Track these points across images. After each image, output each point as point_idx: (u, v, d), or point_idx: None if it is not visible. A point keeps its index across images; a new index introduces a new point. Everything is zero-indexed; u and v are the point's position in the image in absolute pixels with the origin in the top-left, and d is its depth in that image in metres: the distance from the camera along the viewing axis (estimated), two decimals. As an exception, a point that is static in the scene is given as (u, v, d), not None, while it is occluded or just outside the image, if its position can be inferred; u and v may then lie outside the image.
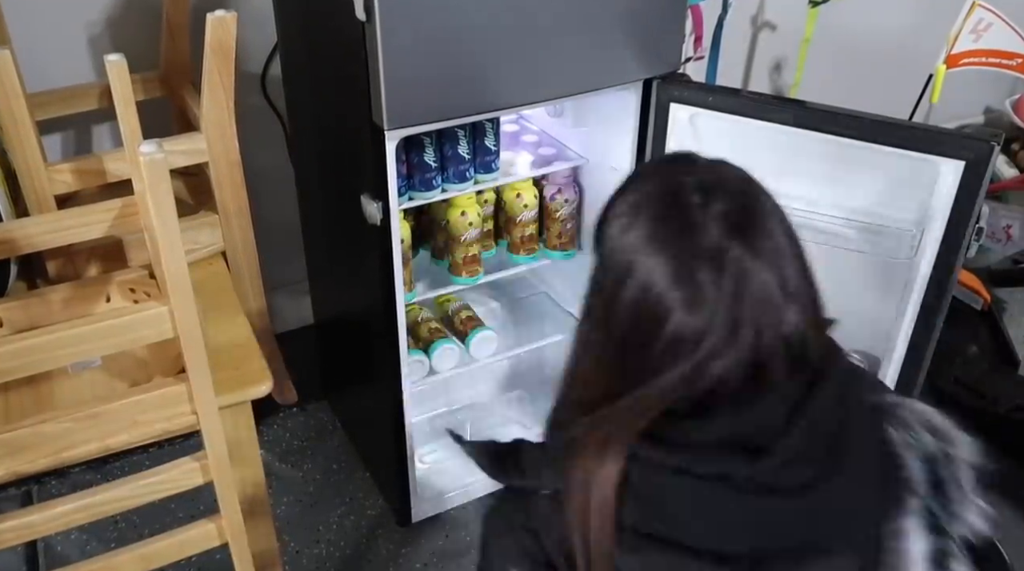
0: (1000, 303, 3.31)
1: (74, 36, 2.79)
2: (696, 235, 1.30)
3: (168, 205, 1.69)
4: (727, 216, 1.31)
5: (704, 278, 1.28)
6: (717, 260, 1.28)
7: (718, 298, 1.28)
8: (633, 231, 1.35)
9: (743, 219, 1.33)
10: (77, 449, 1.97)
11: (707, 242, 1.29)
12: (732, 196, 1.35)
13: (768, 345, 1.31)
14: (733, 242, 1.29)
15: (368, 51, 2.03)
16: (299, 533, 2.88)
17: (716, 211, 1.31)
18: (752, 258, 1.30)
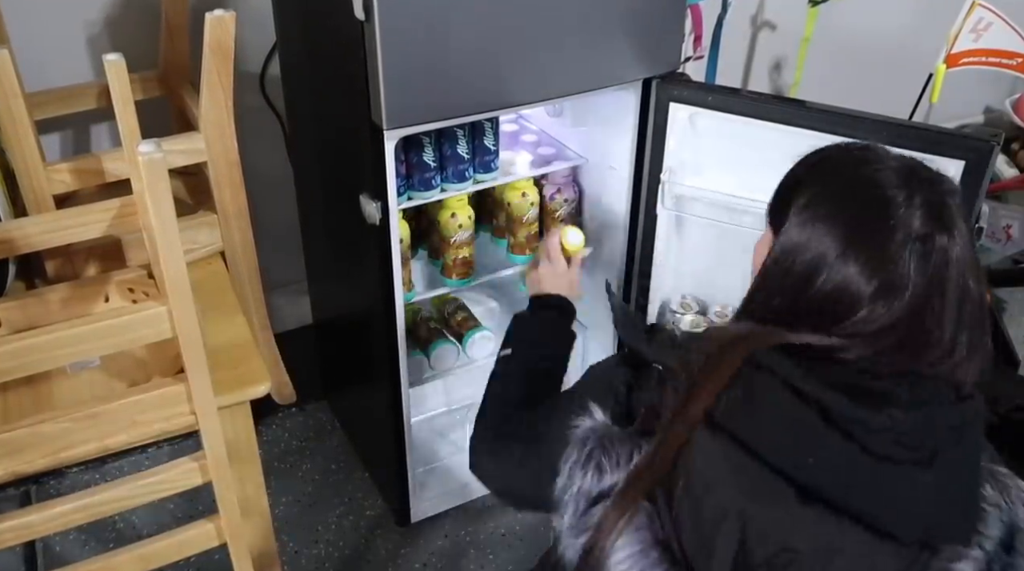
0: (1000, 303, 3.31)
1: (73, 35, 2.78)
2: (898, 226, 1.30)
3: (167, 205, 1.69)
4: (929, 206, 1.31)
5: (907, 261, 1.29)
6: (925, 242, 1.29)
7: (919, 279, 1.29)
8: (825, 223, 1.35)
9: (944, 211, 1.32)
10: (76, 449, 1.97)
11: (911, 228, 1.30)
12: (932, 188, 1.34)
13: (940, 342, 1.32)
14: (937, 230, 1.30)
15: (367, 51, 2.03)
16: (298, 533, 2.88)
17: (918, 202, 1.31)
18: (954, 249, 1.31)
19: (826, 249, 1.33)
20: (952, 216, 1.32)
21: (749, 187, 2.42)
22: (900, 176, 1.35)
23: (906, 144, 2.17)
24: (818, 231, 1.35)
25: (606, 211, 2.75)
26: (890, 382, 1.31)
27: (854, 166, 1.42)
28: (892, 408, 1.28)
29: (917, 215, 1.30)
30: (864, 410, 1.27)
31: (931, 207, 1.31)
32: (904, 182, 1.34)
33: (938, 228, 1.30)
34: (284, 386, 3.17)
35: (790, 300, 1.37)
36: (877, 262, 1.30)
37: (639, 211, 2.62)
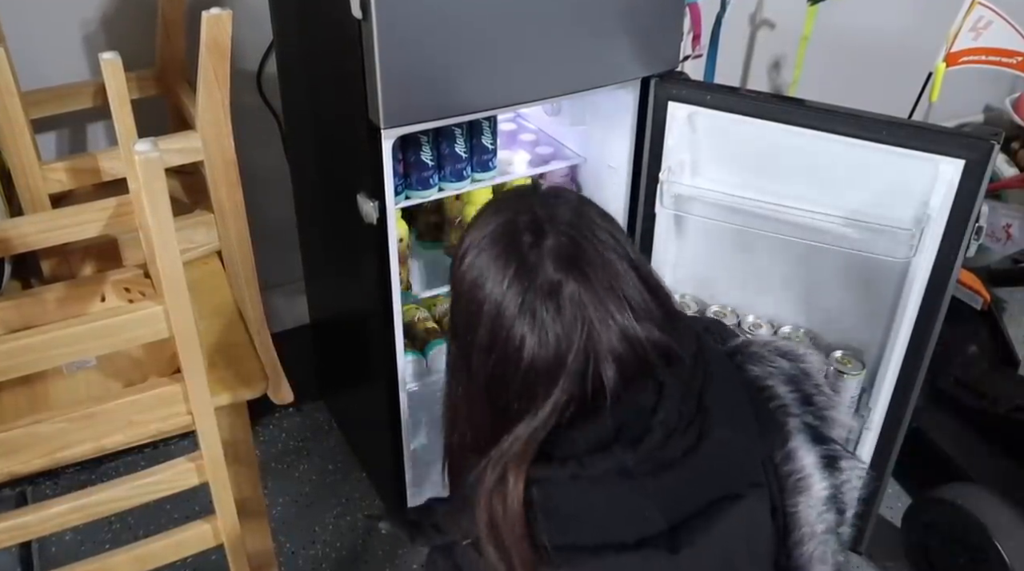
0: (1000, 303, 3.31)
1: (69, 34, 2.77)
2: (534, 274, 1.36)
3: (163, 204, 1.69)
4: (558, 251, 1.37)
5: (545, 312, 1.34)
6: (554, 295, 1.35)
7: (562, 330, 1.34)
8: (475, 271, 1.42)
9: (573, 252, 1.38)
10: (72, 449, 1.97)
11: (544, 279, 1.35)
12: (561, 231, 1.40)
13: (625, 358, 1.37)
14: (568, 277, 1.36)
15: (364, 49, 2.03)
16: (295, 534, 2.87)
17: (547, 247, 1.38)
18: (587, 289, 1.36)
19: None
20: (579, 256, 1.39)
21: (748, 186, 2.42)
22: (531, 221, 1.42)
23: (906, 143, 2.17)
24: (474, 274, 1.42)
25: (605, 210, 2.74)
26: (621, 405, 1.37)
27: (496, 216, 1.47)
28: (655, 417, 1.36)
29: (548, 262, 1.37)
30: (647, 440, 1.35)
31: (559, 251, 1.38)
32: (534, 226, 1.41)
33: (570, 270, 1.36)
34: (281, 386, 3.15)
35: (492, 405, 1.43)
36: (521, 302, 1.36)
37: (638, 210, 2.62)
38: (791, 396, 1.53)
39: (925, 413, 2.83)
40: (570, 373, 1.35)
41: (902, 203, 2.28)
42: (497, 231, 1.43)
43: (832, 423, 1.55)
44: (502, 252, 1.40)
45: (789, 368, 1.56)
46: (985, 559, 2.51)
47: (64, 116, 2.72)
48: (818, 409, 1.54)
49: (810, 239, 2.38)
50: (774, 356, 1.57)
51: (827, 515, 1.49)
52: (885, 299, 2.42)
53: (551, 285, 1.35)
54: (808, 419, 1.52)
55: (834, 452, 1.52)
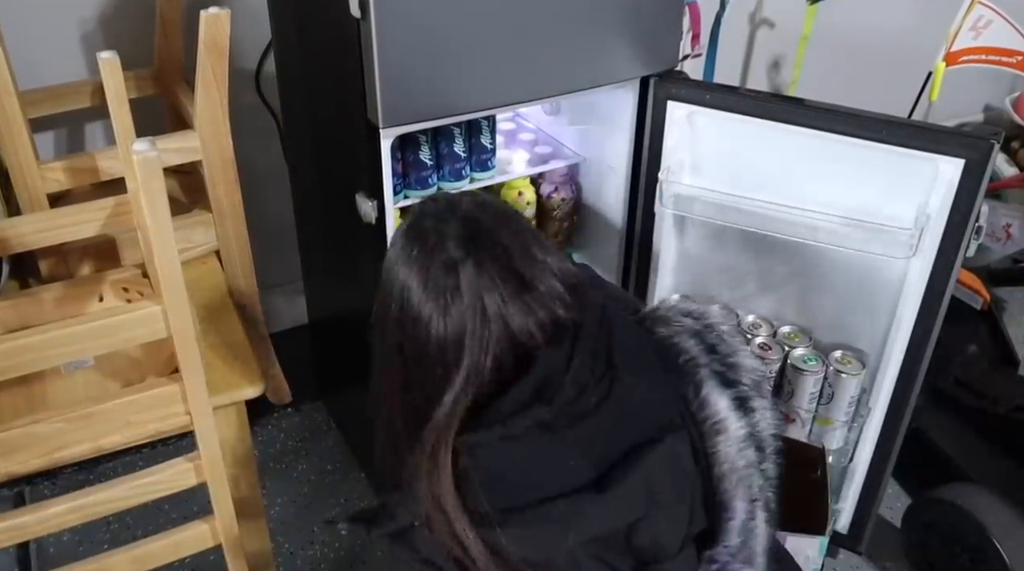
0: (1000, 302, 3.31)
1: (67, 33, 2.77)
2: (435, 253, 1.47)
3: (161, 203, 1.69)
4: (459, 235, 1.47)
5: (447, 291, 1.45)
6: (454, 270, 1.45)
7: (463, 304, 1.44)
8: (387, 263, 1.56)
9: (473, 233, 1.48)
10: (70, 450, 1.97)
11: (444, 257, 1.46)
12: (460, 216, 1.50)
13: (523, 329, 1.46)
14: (468, 256, 1.45)
15: (363, 48, 2.02)
16: (293, 534, 2.87)
17: (451, 231, 1.48)
18: (486, 269, 1.46)
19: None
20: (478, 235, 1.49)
21: (747, 186, 2.42)
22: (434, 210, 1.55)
23: (905, 143, 2.17)
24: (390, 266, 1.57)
25: (604, 210, 2.74)
26: (535, 370, 1.46)
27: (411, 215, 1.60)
28: (567, 374, 1.45)
29: (450, 243, 1.48)
30: (560, 395, 1.43)
31: (460, 234, 1.49)
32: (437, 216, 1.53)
33: (470, 250, 1.47)
34: (279, 386, 3.16)
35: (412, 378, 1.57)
36: (424, 280, 1.48)
37: (637, 210, 2.61)
38: (697, 348, 1.63)
39: (925, 413, 2.83)
40: (476, 343, 1.44)
41: (902, 203, 2.27)
42: (407, 226, 1.56)
43: (738, 368, 1.64)
44: (409, 240, 1.51)
45: (693, 324, 1.67)
46: (985, 559, 2.50)
47: (62, 115, 2.72)
48: (723, 357, 1.64)
49: (810, 239, 2.37)
50: (679, 316, 1.68)
51: (747, 452, 1.58)
52: (885, 299, 2.42)
53: (451, 263, 1.45)
54: (715, 367, 1.62)
55: (744, 394, 1.62)
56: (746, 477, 1.57)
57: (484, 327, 1.44)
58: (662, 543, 1.49)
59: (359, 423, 3.03)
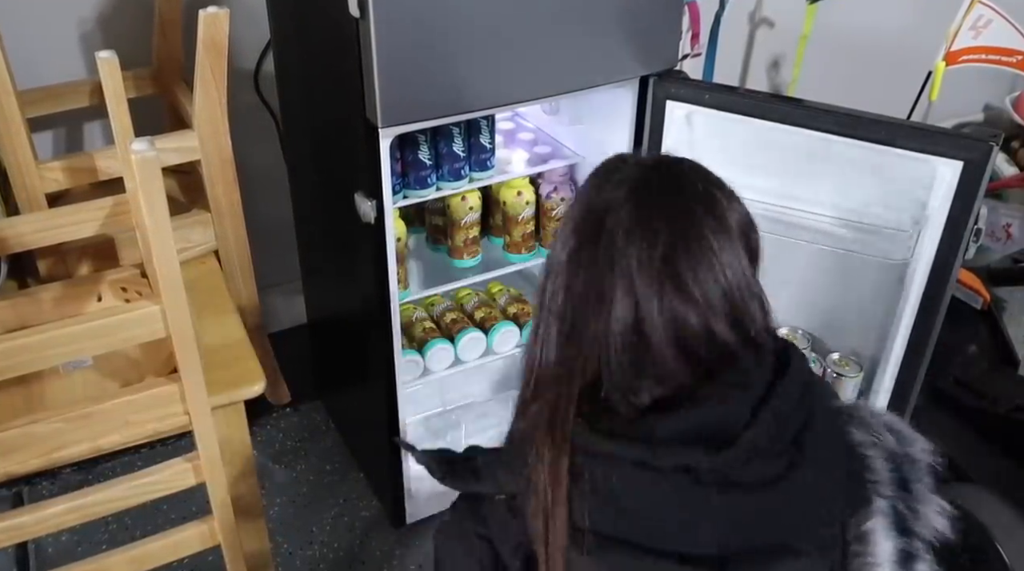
0: (1000, 302, 3.30)
1: (65, 33, 2.77)
2: (613, 176, 1.35)
3: (160, 203, 1.68)
4: (633, 177, 1.35)
5: (586, 241, 1.32)
6: (600, 218, 1.31)
7: (596, 265, 1.30)
8: (564, 247, 1.36)
9: (652, 180, 1.36)
10: (68, 450, 1.97)
11: (603, 197, 1.33)
12: (649, 162, 1.40)
13: (678, 315, 1.29)
14: (628, 202, 1.31)
15: (362, 48, 2.02)
16: (292, 534, 2.86)
17: (628, 173, 1.36)
18: (645, 216, 1.31)
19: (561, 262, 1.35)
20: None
21: (746, 186, 2.39)
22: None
23: (904, 144, 2.17)
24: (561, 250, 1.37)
25: (603, 210, 2.74)
26: (708, 403, 1.30)
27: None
28: (746, 431, 1.27)
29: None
30: (729, 451, 1.26)
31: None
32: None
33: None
34: (278, 386, 3.16)
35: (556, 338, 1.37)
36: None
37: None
38: (888, 474, 1.43)
39: (925, 413, 2.82)
40: (614, 325, 1.29)
41: (900, 204, 2.27)
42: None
43: (922, 520, 1.45)
44: (589, 178, 1.40)
45: (894, 445, 1.46)
46: (985, 560, 2.50)
47: (61, 115, 2.72)
48: (912, 498, 1.44)
49: (808, 240, 2.37)
50: (881, 428, 1.47)
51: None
52: (884, 300, 2.41)
53: (605, 205, 1.32)
54: (899, 505, 1.43)
55: (914, 551, 1.44)
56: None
57: (618, 306, 1.29)
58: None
59: (358, 423, 3.03)
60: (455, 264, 2.73)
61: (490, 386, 3.18)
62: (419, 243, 2.85)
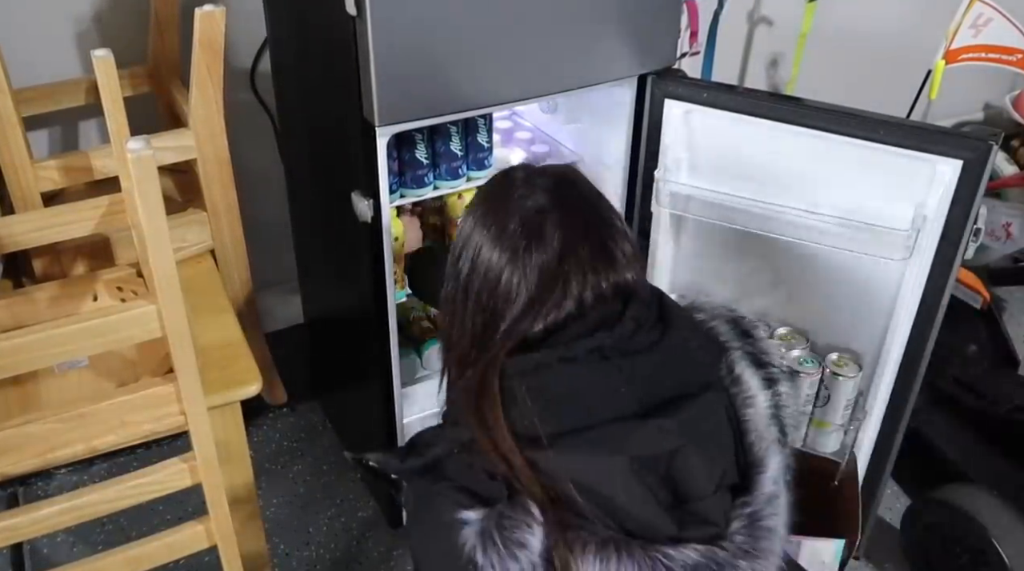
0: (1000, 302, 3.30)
1: (60, 30, 2.76)
2: (523, 199, 1.58)
3: (156, 202, 1.68)
4: (549, 188, 1.59)
5: (531, 232, 1.54)
6: (541, 216, 1.55)
7: (545, 250, 1.54)
8: (470, 218, 1.63)
9: (563, 190, 1.60)
10: (64, 450, 1.96)
11: (533, 203, 1.56)
12: (552, 173, 1.64)
13: (596, 285, 1.54)
14: (556, 207, 1.56)
15: (359, 46, 2.01)
16: (289, 535, 2.86)
17: (541, 183, 1.60)
18: (572, 221, 1.56)
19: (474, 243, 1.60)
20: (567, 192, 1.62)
21: (745, 185, 2.41)
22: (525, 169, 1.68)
23: (903, 143, 2.16)
24: (470, 217, 1.64)
25: (601, 209, 2.73)
26: (596, 309, 1.55)
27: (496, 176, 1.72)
28: (625, 314, 1.55)
29: (539, 194, 1.58)
30: (619, 327, 1.53)
31: (548, 188, 1.59)
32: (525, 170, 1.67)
33: (556, 202, 1.58)
34: (275, 386, 3.16)
35: (473, 316, 1.61)
36: (500, 231, 1.56)
37: (634, 209, 2.60)
38: (731, 333, 1.75)
39: (924, 414, 2.82)
40: (549, 287, 1.53)
41: (899, 203, 2.26)
42: (493, 181, 1.69)
43: (769, 355, 1.75)
44: (495, 191, 1.64)
45: (728, 313, 1.79)
46: (985, 561, 2.49)
47: (56, 114, 2.72)
48: (755, 341, 1.76)
49: (807, 239, 2.36)
50: (717, 307, 1.80)
51: (772, 429, 1.66)
52: (882, 300, 2.41)
53: (539, 209, 1.55)
54: (748, 348, 1.73)
55: (773, 376, 1.72)
56: (774, 444, 1.64)
57: (559, 278, 1.52)
58: (697, 479, 1.51)
59: (355, 423, 3.02)
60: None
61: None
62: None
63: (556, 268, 1.53)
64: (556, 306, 1.53)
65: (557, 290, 1.53)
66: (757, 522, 1.55)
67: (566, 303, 1.53)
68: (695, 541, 1.49)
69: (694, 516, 1.50)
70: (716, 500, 1.54)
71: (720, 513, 1.54)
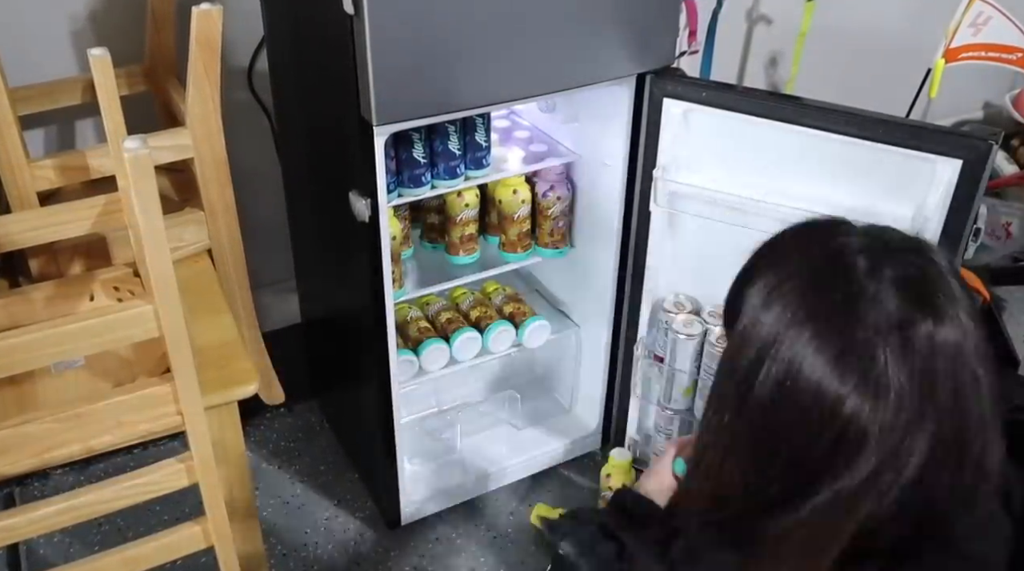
0: (1000, 301, 3.29)
1: (57, 29, 2.75)
2: (867, 306, 1.14)
3: (153, 202, 1.67)
4: (904, 282, 1.16)
5: (885, 357, 1.11)
6: (902, 335, 1.12)
7: (906, 383, 1.11)
8: (780, 302, 1.19)
9: (924, 286, 1.17)
10: (60, 450, 1.95)
11: (883, 314, 1.13)
12: (905, 258, 1.20)
13: (968, 442, 1.16)
14: (917, 313, 1.13)
15: (356, 45, 2.01)
16: (286, 536, 2.85)
17: (889, 277, 1.16)
18: (949, 333, 1.13)
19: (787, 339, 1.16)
20: (934, 291, 1.16)
21: (744, 185, 2.40)
22: (865, 245, 1.23)
23: (902, 143, 2.15)
24: (776, 308, 1.19)
25: (599, 208, 2.72)
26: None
27: (813, 240, 1.29)
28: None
29: (890, 294, 1.15)
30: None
31: (905, 283, 1.16)
32: (870, 251, 1.21)
33: (918, 309, 1.14)
34: (272, 386, 3.15)
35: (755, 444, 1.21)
36: (845, 342, 1.13)
37: (632, 208, 2.60)
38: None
39: (923, 413, 2.81)
40: (901, 441, 1.12)
41: (898, 203, 2.25)
42: (814, 254, 1.26)
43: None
44: (824, 279, 1.20)
45: None
46: (984, 561, 2.48)
47: (52, 113, 2.71)
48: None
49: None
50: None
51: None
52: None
53: (897, 322, 1.13)
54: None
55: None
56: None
57: (920, 428, 1.12)
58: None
59: (353, 423, 3.02)
60: (452, 261, 2.73)
61: (485, 386, 3.18)
62: (414, 241, 2.83)
63: (907, 423, 1.11)
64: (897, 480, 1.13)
65: (902, 453, 1.12)
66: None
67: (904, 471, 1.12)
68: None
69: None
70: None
71: None
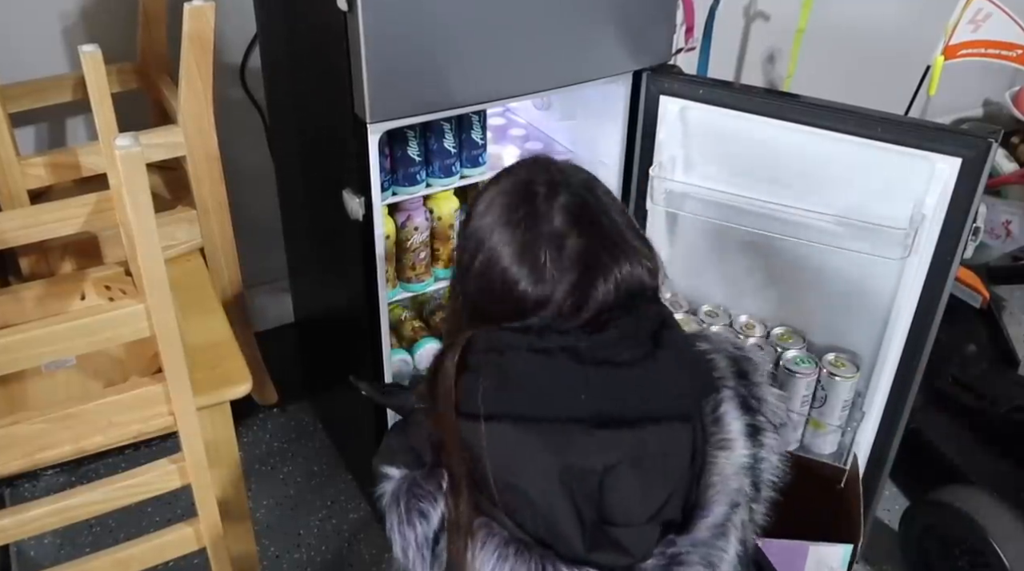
0: (999, 301, 3.28)
1: (48, 26, 2.74)
2: (541, 221, 1.55)
3: (144, 200, 1.68)
4: (568, 208, 1.56)
5: (546, 258, 1.52)
6: (558, 244, 1.53)
7: (558, 276, 1.52)
8: (488, 216, 1.60)
9: (582, 210, 1.57)
10: (51, 451, 1.96)
11: (551, 228, 1.54)
12: (573, 192, 1.59)
13: (604, 304, 1.54)
14: (572, 230, 1.54)
15: (350, 42, 2.00)
16: (279, 537, 2.85)
17: (560, 203, 1.56)
18: (589, 246, 1.54)
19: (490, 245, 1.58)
20: (591, 216, 1.59)
21: (741, 183, 2.40)
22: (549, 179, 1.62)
23: (901, 140, 2.15)
24: (486, 219, 1.61)
25: (596, 207, 2.71)
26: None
27: (519, 170, 1.68)
28: (611, 325, 1.53)
29: (558, 215, 1.56)
30: (598, 335, 1.52)
31: (569, 208, 1.57)
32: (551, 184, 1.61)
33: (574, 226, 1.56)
34: (265, 386, 3.14)
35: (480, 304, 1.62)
36: (523, 245, 1.55)
37: (629, 207, 2.58)
38: (729, 369, 1.66)
39: (923, 414, 2.81)
40: (552, 312, 1.53)
41: (897, 202, 2.25)
42: (513, 183, 1.62)
43: (762, 401, 1.66)
44: (515, 201, 1.59)
45: (733, 350, 1.70)
46: (984, 562, 2.48)
47: (43, 110, 2.70)
48: (752, 384, 1.67)
49: (803, 238, 2.35)
50: (723, 341, 1.72)
51: (743, 479, 1.61)
52: (880, 300, 2.39)
53: (557, 234, 1.53)
54: (740, 390, 1.65)
55: (760, 424, 1.64)
56: (733, 493, 1.59)
57: (572, 306, 1.52)
58: (628, 506, 1.49)
59: (346, 424, 3.01)
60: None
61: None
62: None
63: (576, 283, 1.52)
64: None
65: (561, 311, 1.53)
66: (677, 565, 1.53)
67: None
68: (599, 567, 1.48)
69: (609, 541, 1.49)
70: (643, 531, 1.52)
71: (643, 545, 1.52)
